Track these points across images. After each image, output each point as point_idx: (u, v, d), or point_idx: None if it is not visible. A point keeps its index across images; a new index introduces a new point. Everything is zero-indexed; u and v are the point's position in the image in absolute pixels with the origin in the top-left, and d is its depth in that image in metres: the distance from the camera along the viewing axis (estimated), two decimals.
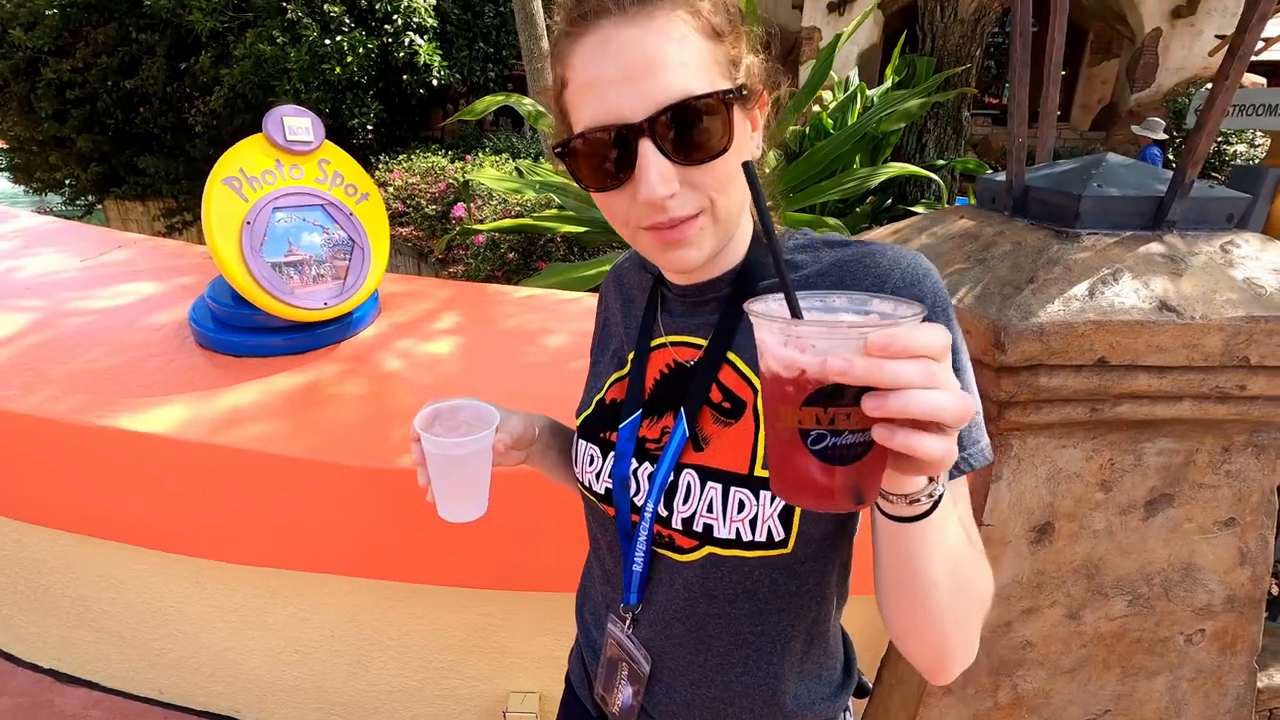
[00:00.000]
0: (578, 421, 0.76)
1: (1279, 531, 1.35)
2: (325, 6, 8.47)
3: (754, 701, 0.66)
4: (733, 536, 0.60)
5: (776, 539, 0.59)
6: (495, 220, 4.93)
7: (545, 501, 1.21)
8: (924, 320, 0.39)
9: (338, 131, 9.68)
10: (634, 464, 0.67)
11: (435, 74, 9.20)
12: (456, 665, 1.52)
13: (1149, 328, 1.08)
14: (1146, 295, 1.11)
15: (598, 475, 0.70)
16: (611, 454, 0.69)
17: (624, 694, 0.71)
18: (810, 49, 10.55)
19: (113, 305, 1.67)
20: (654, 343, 0.70)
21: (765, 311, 0.41)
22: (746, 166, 0.47)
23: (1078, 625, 1.34)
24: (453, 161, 7.90)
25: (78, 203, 12.26)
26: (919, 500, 0.44)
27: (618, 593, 0.73)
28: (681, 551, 0.64)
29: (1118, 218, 1.23)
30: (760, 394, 0.55)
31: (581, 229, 3.58)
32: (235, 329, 1.43)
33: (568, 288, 2.94)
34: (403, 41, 8.81)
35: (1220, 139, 8.28)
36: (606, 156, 0.54)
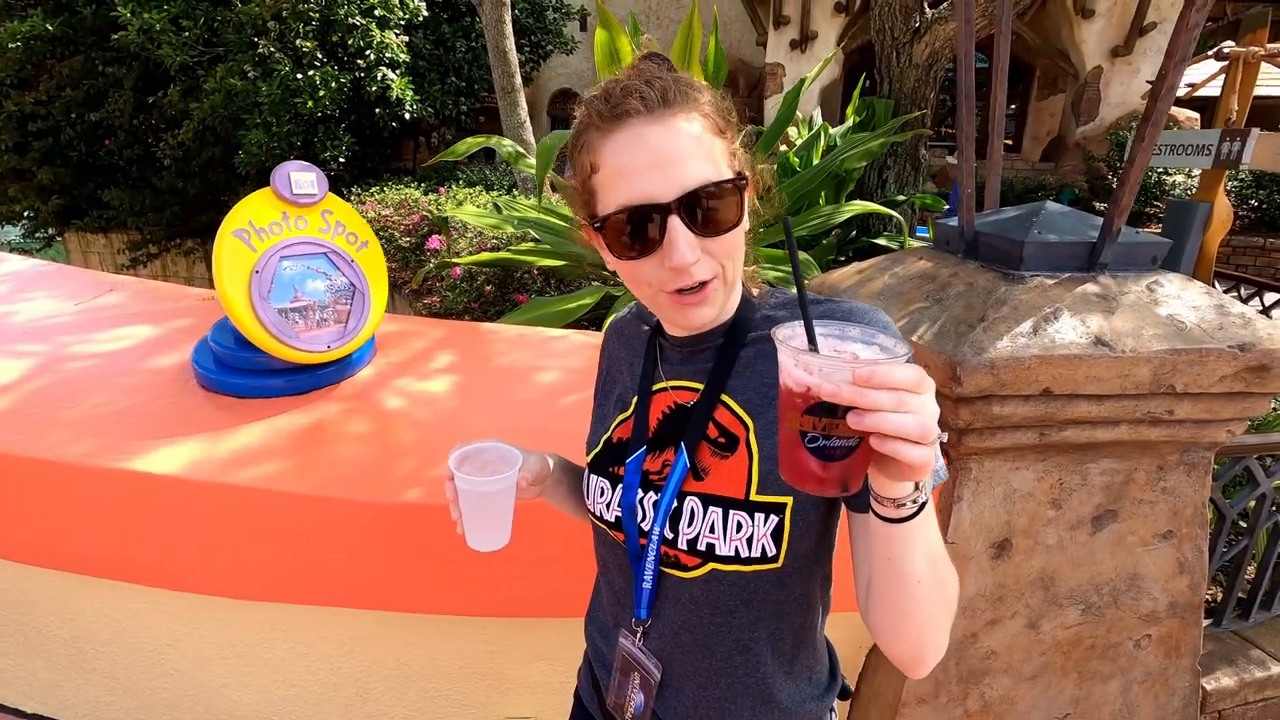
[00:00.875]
0: (588, 459, 0.85)
1: (1213, 542, 1.47)
2: (297, 42, 8.55)
3: (753, 700, 0.75)
4: (732, 554, 0.69)
5: (769, 554, 0.69)
6: (471, 253, 5.00)
7: (543, 532, 1.29)
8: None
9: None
10: (640, 493, 0.76)
11: (408, 107, 9.31)
12: (454, 694, 1.56)
13: (1086, 361, 1.21)
14: (1083, 331, 1.24)
15: (608, 505, 0.79)
16: (620, 486, 0.78)
17: (636, 701, 0.79)
18: (774, 84, 10.93)
19: (112, 349, 1.70)
20: (655, 387, 0.80)
21: (787, 339, 0.53)
22: (785, 221, 0.60)
23: (1037, 634, 1.45)
24: (425, 194, 7.98)
25: (37, 235, 12.01)
26: (905, 505, 0.55)
27: (626, 610, 0.81)
28: (686, 569, 0.73)
29: (1056, 260, 1.37)
30: (776, 405, 0.62)
31: (559, 262, 3.68)
32: (238, 371, 1.49)
33: (548, 322, 3.03)
34: (375, 76, 8.91)
35: (1161, 170, 8.77)
36: (638, 230, 0.65)
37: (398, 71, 9.21)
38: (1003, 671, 1.48)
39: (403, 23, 9.22)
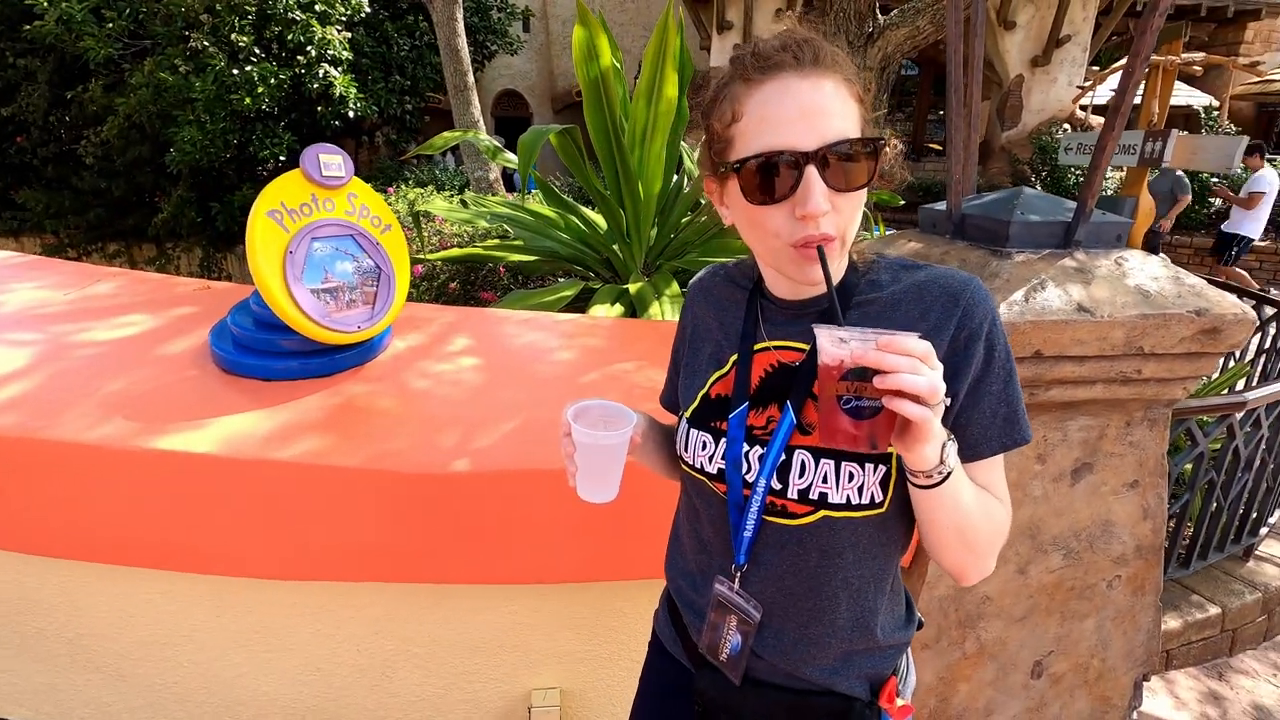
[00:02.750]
0: (686, 414, 0.89)
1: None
2: (233, 36, 8.24)
3: (853, 633, 0.81)
4: (843, 501, 0.76)
5: (877, 501, 0.76)
6: (431, 251, 4.95)
7: (571, 496, 1.34)
8: (965, 336, 0.75)
9: (246, 163, 9.35)
10: (745, 447, 0.81)
11: (351, 106, 9.09)
12: (481, 668, 1.59)
13: (1071, 325, 1.35)
14: (1067, 300, 1.38)
15: (710, 458, 0.83)
16: (723, 440, 0.82)
17: (733, 641, 0.84)
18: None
19: (118, 336, 1.65)
20: (758, 346, 0.84)
21: (823, 323, 0.67)
22: (819, 250, 0.70)
23: (1025, 579, 1.59)
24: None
25: None
26: (932, 476, 0.67)
27: (716, 558, 0.87)
28: (794, 517, 0.79)
29: (1038, 239, 1.51)
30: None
31: (530, 258, 3.71)
32: (260, 354, 1.48)
33: None
34: (316, 73, 8.66)
35: (1079, 171, 9.41)
36: (774, 175, 0.69)
37: (340, 69, 8.98)
38: (995, 615, 1.62)
39: (344, 19, 9.00)
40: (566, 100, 15.48)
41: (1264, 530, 2.84)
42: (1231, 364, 3.87)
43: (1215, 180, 8.54)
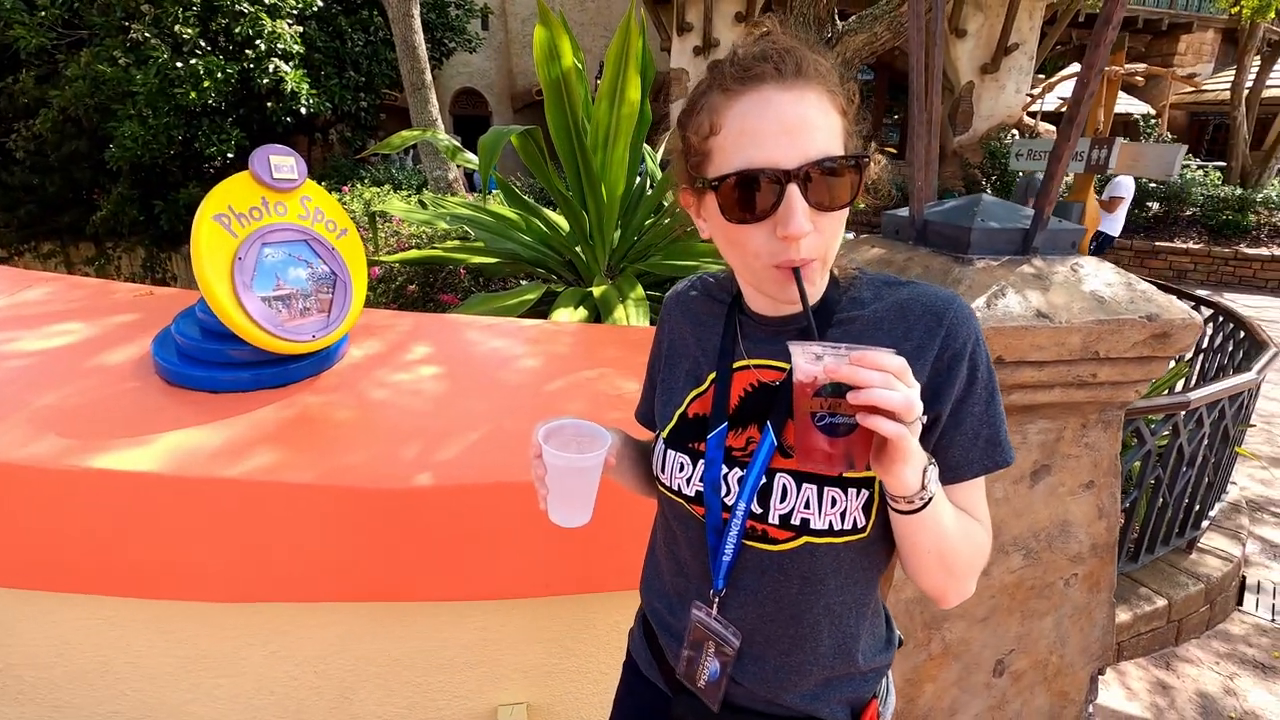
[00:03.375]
0: (663, 434, 0.86)
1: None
2: (176, 28, 7.92)
3: (835, 659, 0.79)
4: (826, 527, 0.73)
5: (859, 526, 0.74)
6: (389, 252, 4.83)
7: (539, 508, 1.31)
8: (949, 356, 0.73)
9: (192, 160, 9.01)
10: (724, 469, 0.78)
11: (304, 101, 8.83)
12: (445, 685, 1.55)
13: (1031, 331, 1.38)
14: (1027, 306, 1.40)
15: (688, 480, 0.80)
16: (701, 461, 0.79)
17: (711, 669, 0.81)
18: (679, 89, 11.21)
19: (51, 346, 1.55)
20: (737, 364, 0.81)
21: (798, 341, 0.65)
22: (795, 272, 0.68)
23: (988, 580, 1.62)
24: (328, 193, 7.61)
25: None
26: (913, 501, 0.66)
27: (693, 582, 0.84)
28: (775, 543, 0.76)
29: (998, 245, 1.54)
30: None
31: (491, 260, 3.65)
32: (208, 364, 1.40)
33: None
34: (266, 67, 8.39)
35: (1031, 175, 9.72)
36: (755, 194, 0.66)
37: (291, 63, 8.72)
38: (959, 616, 1.64)
39: (295, 12, 8.74)
40: (527, 99, 15.34)
41: (1205, 523, 2.97)
42: (1172, 364, 4.04)
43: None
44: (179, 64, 7.86)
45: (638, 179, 3.90)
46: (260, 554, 1.26)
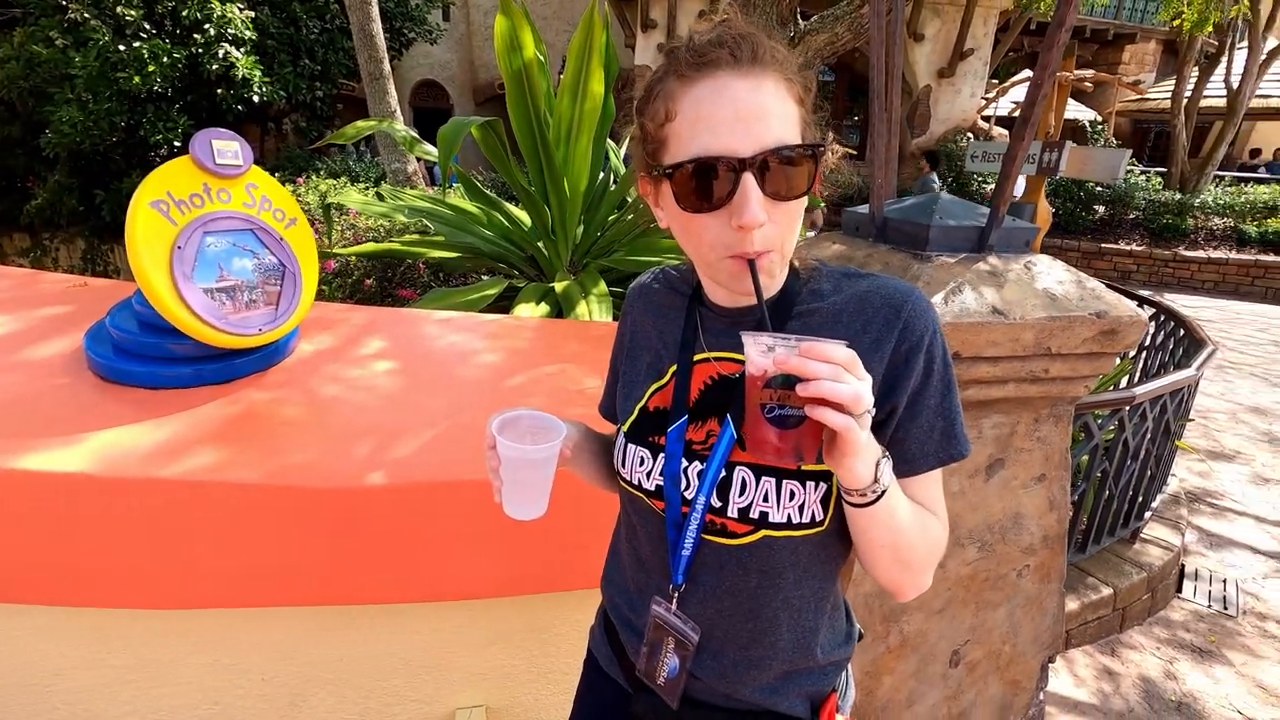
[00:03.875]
0: (623, 428, 0.84)
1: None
2: (118, 9, 7.58)
3: (794, 653, 0.79)
4: (784, 520, 0.73)
5: (818, 519, 0.74)
6: (345, 245, 4.71)
7: (497, 507, 1.27)
8: (906, 349, 0.72)
9: (136, 147, 8.64)
10: (684, 463, 0.77)
11: (256, 89, 8.55)
12: (401, 689, 1.51)
13: (987, 327, 1.40)
14: (983, 302, 1.43)
15: (648, 474, 0.79)
16: (661, 455, 0.78)
17: (670, 665, 0.80)
18: (644, 86, 11.20)
19: None
20: (697, 357, 0.80)
21: (750, 332, 0.64)
22: (751, 264, 0.67)
23: (944, 572, 1.65)
24: (282, 184, 7.38)
25: None
26: (866, 494, 0.65)
27: (653, 577, 0.83)
28: (734, 536, 0.75)
29: (954, 242, 1.56)
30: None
31: (451, 255, 3.58)
32: (146, 359, 1.33)
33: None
34: (216, 53, 8.10)
35: (983, 178, 9.99)
36: (710, 183, 0.65)
37: (243, 49, 8.43)
38: (917, 609, 1.66)
39: None
40: (489, 93, 15.14)
41: (1148, 514, 3.08)
42: (1118, 361, 4.19)
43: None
44: (121, 47, 7.53)
45: (601, 174, 3.87)
46: (203, 558, 1.20)
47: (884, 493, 0.66)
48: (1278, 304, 9.55)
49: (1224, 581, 3.07)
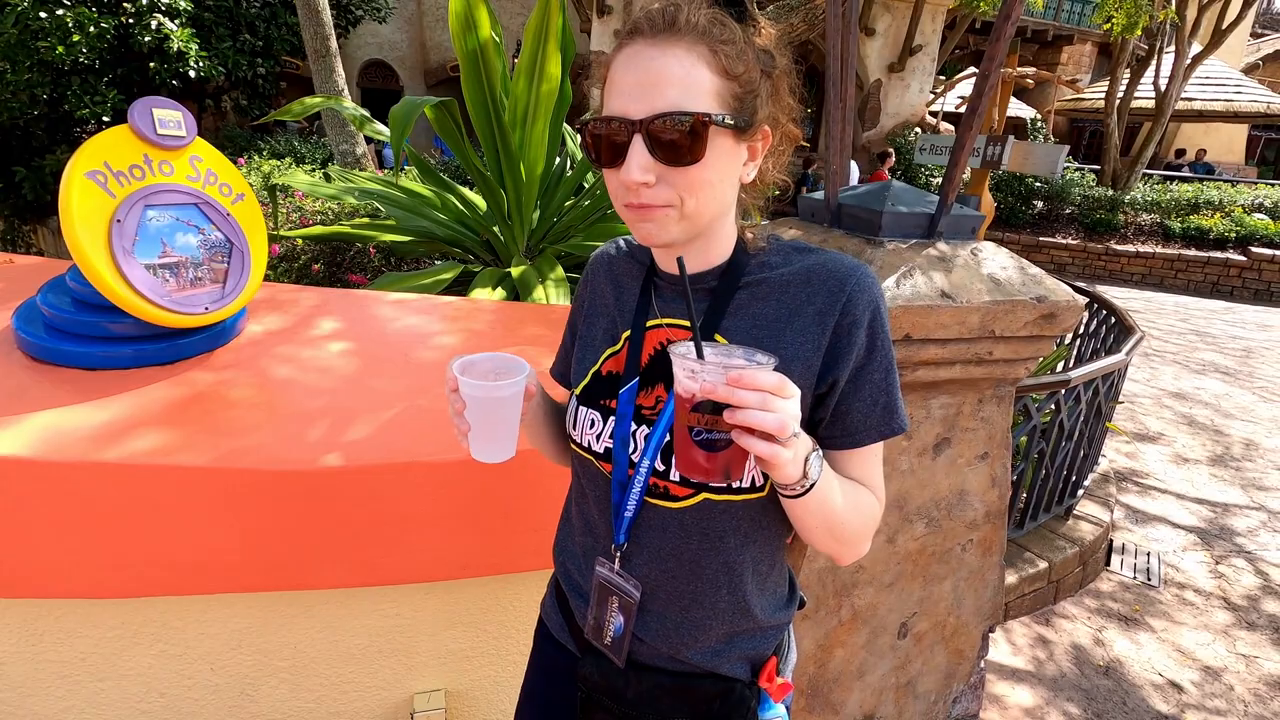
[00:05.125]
0: (576, 391, 0.86)
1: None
2: None
3: (734, 615, 0.82)
4: (724, 485, 0.75)
5: (758, 485, 0.76)
6: (291, 228, 4.55)
7: (457, 487, 1.26)
8: (849, 323, 0.74)
9: (61, 122, 8.15)
10: (633, 426, 0.79)
11: (192, 64, 8.14)
12: (357, 675, 1.48)
13: (936, 310, 1.45)
14: (933, 286, 1.48)
15: (598, 436, 0.81)
16: (612, 418, 0.81)
17: (616, 623, 0.83)
18: (600, 72, 11.11)
19: None
20: (649, 323, 0.82)
21: (679, 352, 0.65)
22: (679, 261, 0.69)
23: (894, 547, 1.71)
24: None
25: None
26: (795, 489, 0.68)
27: (602, 541, 0.85)
28: (676, 500, 0.78)
29: (905, 228, 1.61)
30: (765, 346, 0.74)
31: (404, 239, 3.50)
32: (80, 339, 1.26)
33: None
34: (148, 24, 7.68)
35: (930, 171, 10.27)
36: (607, 141, 0.70)
37: (177, 21, 8.02)
38: (868, 583, 1.72)
39: None
40: (441, 75, 14.78)
41: (1080, 492, 3.25)
42: (1055, 346, 4.38)
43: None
44: (43, 14, 7.06)
45: (558, 159, 3.83)
46: (146, 544, 1.16)
47: (813, 485, 0.68)
48: (1198, 296, 10.14)
49: (1148, 555, 3.26)
